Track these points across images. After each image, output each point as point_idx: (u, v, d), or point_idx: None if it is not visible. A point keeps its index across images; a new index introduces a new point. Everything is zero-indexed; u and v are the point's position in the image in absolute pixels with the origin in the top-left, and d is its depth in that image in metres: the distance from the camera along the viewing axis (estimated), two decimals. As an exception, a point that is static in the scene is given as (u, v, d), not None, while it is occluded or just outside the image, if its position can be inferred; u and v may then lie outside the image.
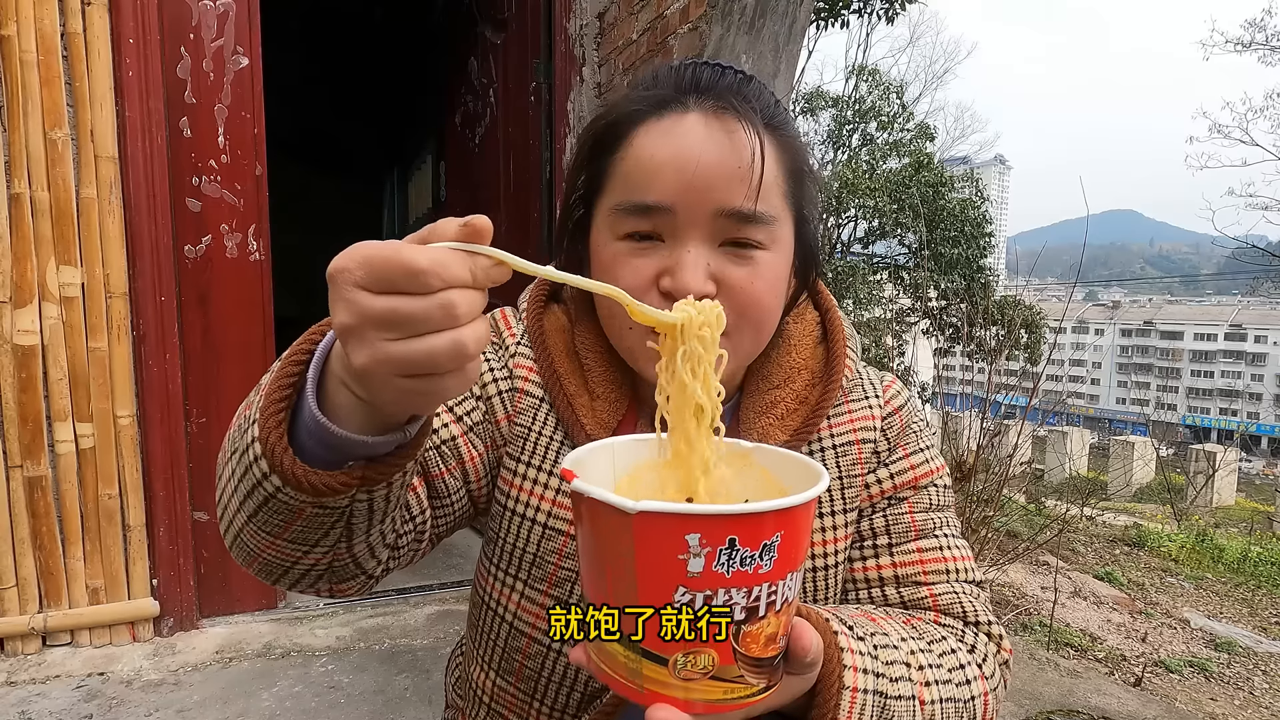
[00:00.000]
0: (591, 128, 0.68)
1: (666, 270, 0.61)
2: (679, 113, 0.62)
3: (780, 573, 0.43)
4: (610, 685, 0.46)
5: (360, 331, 0.38)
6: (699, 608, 0.42)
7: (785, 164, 0.64)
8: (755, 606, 0.43)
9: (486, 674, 0.73)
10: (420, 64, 4.85)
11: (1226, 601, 3.78)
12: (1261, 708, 2.56)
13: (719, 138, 0.61)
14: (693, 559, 0.41)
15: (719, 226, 0.61)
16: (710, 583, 0.41)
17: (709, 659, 0.43)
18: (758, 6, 2.01)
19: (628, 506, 0.40)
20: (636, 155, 0.63)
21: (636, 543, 0.41)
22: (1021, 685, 2.29)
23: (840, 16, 7.45)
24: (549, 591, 0.68)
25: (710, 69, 0.65)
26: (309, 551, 0.53)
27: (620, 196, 0.63)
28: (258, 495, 0.48)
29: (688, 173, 0.60)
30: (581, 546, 0.48)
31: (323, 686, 2.00)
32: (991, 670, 0.66)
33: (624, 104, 0.66)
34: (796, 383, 0.71)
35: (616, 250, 0.63)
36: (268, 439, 0.45)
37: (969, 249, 10.34)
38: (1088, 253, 4.82)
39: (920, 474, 0.73)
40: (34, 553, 2.05)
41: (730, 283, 0.62)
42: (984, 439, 3.34)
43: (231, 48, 2.17)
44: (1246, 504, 10.02)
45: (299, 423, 0.47)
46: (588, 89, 2.61)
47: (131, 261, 2.07)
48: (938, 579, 0.70)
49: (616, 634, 0.44)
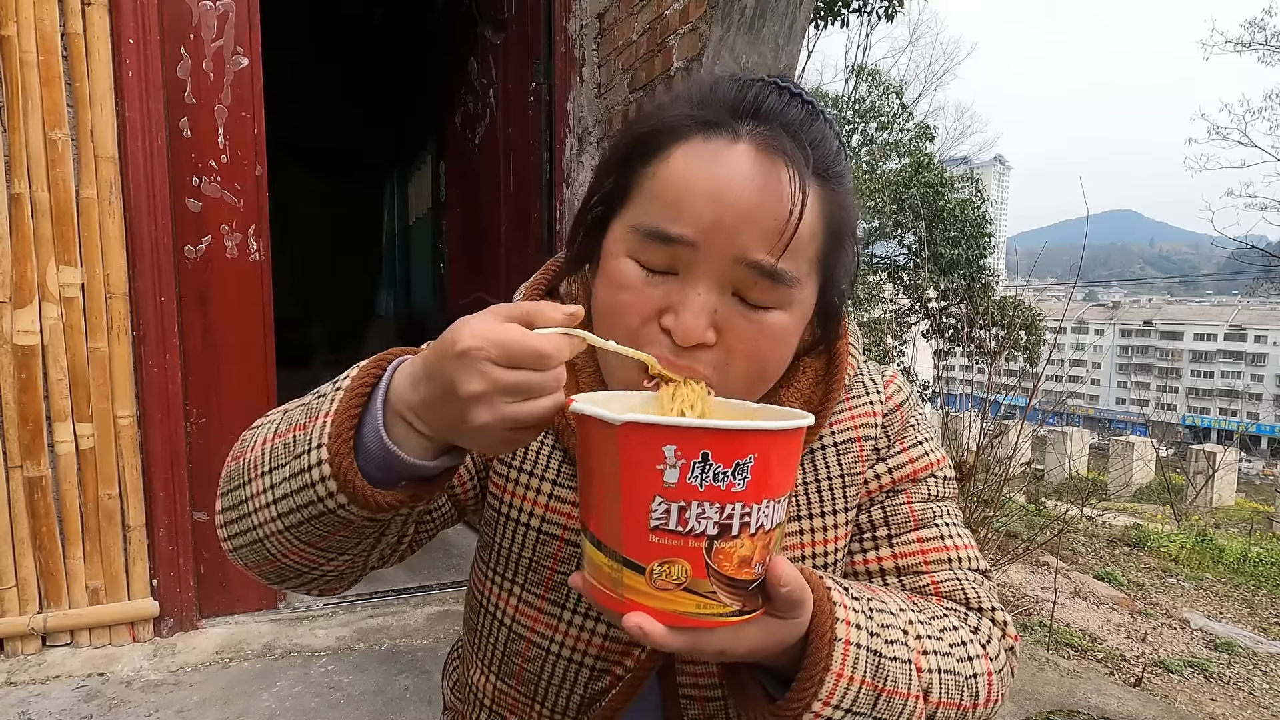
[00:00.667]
0: (631, 130, 0.63)
1: (671, 307, 0.58)
2: (728, 139, 0.56)
3: (754, 496, 0.45)
4: (596, 598, 0.49)
5: (489, 397, 0.46)
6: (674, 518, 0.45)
7: (827, 221, 0.59)
8: (728, 524, 0.45)
9: (486, 677, 0.73)
10: (420, 64, 4.86)
11: (1226, 601, 3.78)
12: (1261, 708, 2.56)
13: (763, 181, 0.55)
14: (669, 470, 0.44)
15: (736, 274, 0.57)
16: (684, 494, 0.44)
17: (683, 570, 0.46)
18: (758, 6, 2.01)
19: (613, 419, 0.44)
20: (671, 174, 0.57)
21: (620, 452, 0.45)
22: (1021, 685, 2.29)
23: (840, 16, 7.45)
24: (546, 595, 0.68)
25: (778, 94, 0.59)
26: (335, 559, 0.59)
27: (643, 216, 0.58)
28: (312, 509, 0.53)
29: (721, 211, 0.55)
30: (579, 468, 0.52)
31: (323, 687, 2.00)
32: (996, 652, 0.65)
33: (671, 113, 0.60)
34: (799, 382, 0.71)
35: (626, 270, 0.59)
36: (339, 464, 0.51)
37: (969, 249, 10.35)
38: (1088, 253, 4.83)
39: (919, 467, 0.73)
40: (34, 553, 2.05)
41: (731, 336, 0.58)
42: (984, 439, 3.34)
43: (231, 48, 2.17)
44: (1246, 504, 10.03)
45: (360, 447, 0.53)
46: (588, 89, 2.61)
47: (131, 262, 2.07)
48: (939, 567, 0.69)
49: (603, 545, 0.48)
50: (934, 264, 10.20)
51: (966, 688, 0.60)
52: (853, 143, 13.57)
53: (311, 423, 0.54)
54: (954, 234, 10.32)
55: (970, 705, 0.60)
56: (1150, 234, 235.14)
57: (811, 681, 0.53)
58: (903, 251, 11.58)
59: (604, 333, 0.64)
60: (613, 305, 0.60)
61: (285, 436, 0.55)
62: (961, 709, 0.60)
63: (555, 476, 0.69)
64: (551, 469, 0.69)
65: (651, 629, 0.46)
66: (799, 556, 0.69)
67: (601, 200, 0.64)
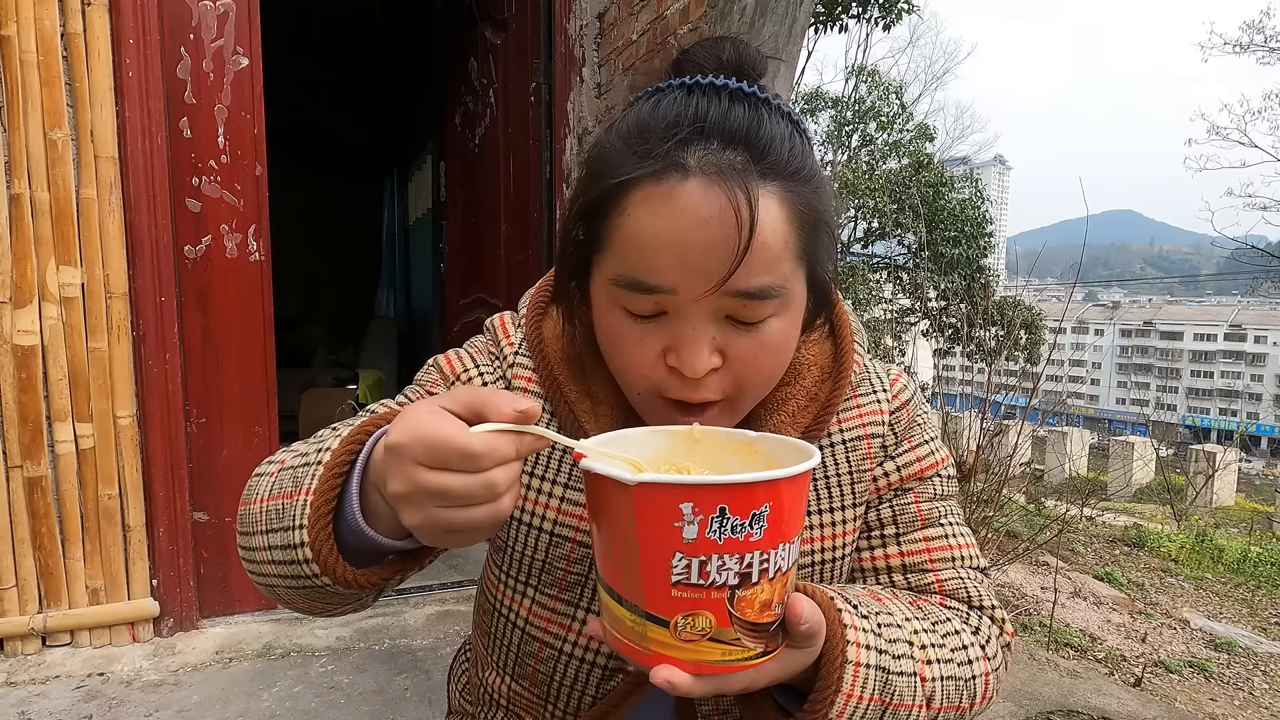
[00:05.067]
0: (586, 183, 0.61)
1: (671, 347, 0.59)
2: (678, 179, 0.55)
3: (772, 542, 0.46)
4: (620, 650, 0.50)
5: (414, 498, 0.45)
6: (695, 573, 0.45)
7: (798, 219, 0.58)
8: (748, 573, 0.46)
9: (501, 678, 0.74)
10: (420, 64, 4.86)
11: (1226, 602, 3.78)
12: (1261, 708, 2.56)
13: (720, 214, 0.54)
14: (687, 526, 0.44)
15: (723, 304, 0.57)
16: (704, 548, 0.45)
17: (707, 621, 0.46)
18: (758, 6, 2.01)
19: (628, 479, 0.44)
20: (633, 229, 0.57)
21: (637, 512, 0.45)
22: (1021, 685, 2.29)
23: (839, 21, 7.47)
24: (559, 596, 0.69)
25: (717, 100, 0.57)
26: (339, 608, 0.61)
27: (618, 269, 0.58)
28: (305, 581, 0.54)
29: (687, 254, 0.55)
30: (591, 523, 0.51)
31: (323, 687, 2.00)
32: (994, 651, 0.68)
33: (616, 160, 0.58)
34: (806, 379, 0.71)
35: (618, 321, 0.60)
36: (319, 549, 0.52)
37: (969, 249, 10.35)
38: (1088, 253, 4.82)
39: (926, 465, 0.74)
40: (34, 553, 2.05)
41: (736, 355, 0.60)
42: (984, 439, 3.34)
43: (231, 48, 2.17)
44: (1246, 504, 10.02)
45: (341, 521, 0.53)
46: (588, 89, 2.61)
47: (131, 261, 2.07)
48: (944, 566, 0.72)
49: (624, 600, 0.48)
50: (934, 264, 10.20)
51: (966, 689, 0.63)
52: (852, 143, 13.56)
53: (296, 496, 0.54)
54: (954, 234, 10.32)
55: (968, 705, 0.64)
56: (1150, 234, 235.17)
57: (823, 703, 0.56)
58: (903, 251, 11.59)
59: (618, 377, 0.66)
60: (616, 357, 0.63)
61: (277, 502, 0.56)
62: (960, 709, 0.63)
63: (567, 480, 0.69)
64: (564, 473, 0.69)
65: (679, 680, 0.46)
66: (809, 551, 0.70)
67: (578, 249, 0.64)
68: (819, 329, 0.74)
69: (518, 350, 0.73)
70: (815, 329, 0.73)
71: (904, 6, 8.35)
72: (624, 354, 0.61)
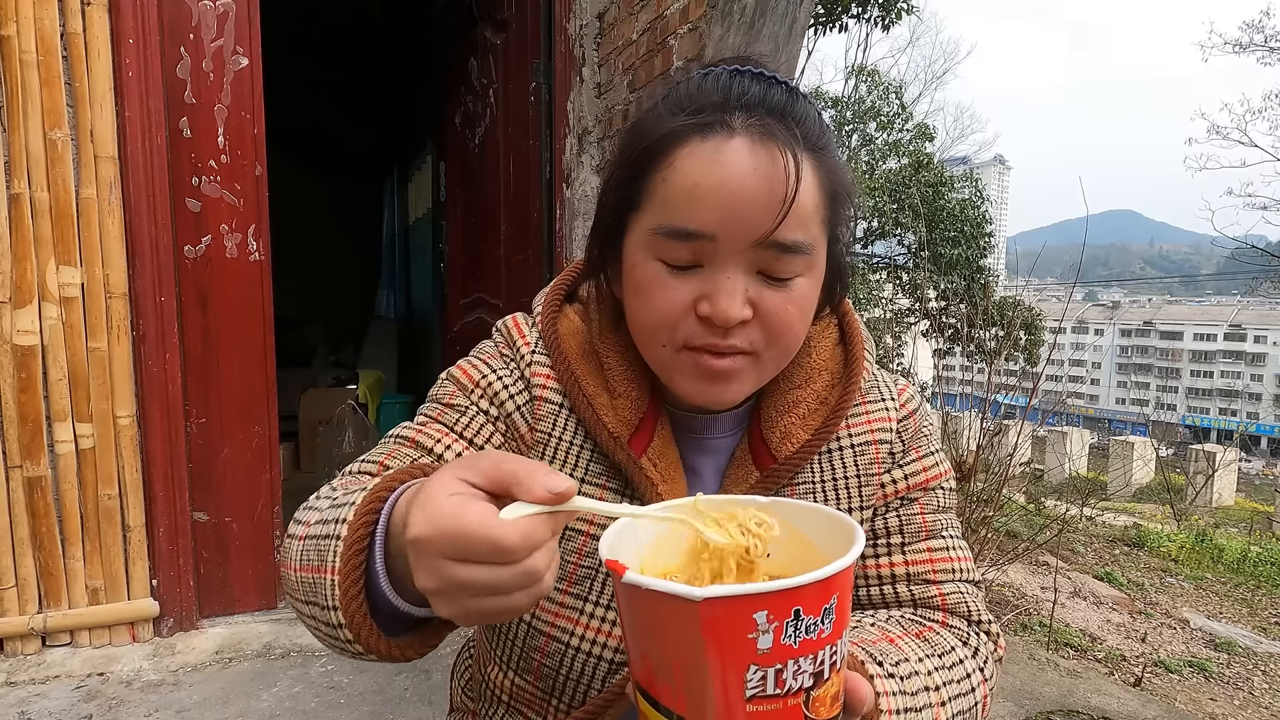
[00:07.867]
0: (631, 143, 0.65)
1: (705, 296, 0.61)
2: (724, 136, 0.60)
3: (838, 632, 0.44)
4: None
5: (446, 593, 0.42)
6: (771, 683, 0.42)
7: (825, 188, 0.63)
8: (821, 670, 0.43)
9: (504, 673, 0.74)
10: (420, 64, 4.86)
11: (1226, 601, 3.78)
12: (1261, 708, 2.56)
13: (764, 168, 0.59)
14: (762, 636, 0.41)
15: (757, 255, 0.61)
16: (780, 656, 0.41)
17: None
18: (758, 6, 2.01)
19: (693, 595, 0.39)
20: (680, 179, 0.60)
21: (704, 629, 0.40)
22: (1021, 685, 2.29)
23: (839, 21, 7.47)
24: (568, 590, 0.69)
25: (758, 82, 0.63)
26: None
27: (660, 219, 0.61)
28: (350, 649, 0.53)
29: (731, 202, 0.59)
30: (634, 634, 0.46)
31: (322, 687, 2.00)
32: (990, 671, 0.71)
33: (666, 119, 0.63)
34: (817, 383, 0.73)
35: (653, 272, 0.63)
36: (358, 631, 0.50)
37: (969, 249, 10.35)
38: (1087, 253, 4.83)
39: (931, 476, 0.76)
40: (34, 553, 2.05)
41: (766, 309, 0.62)
42: (984, 439, 3.34)
43: (231, 48, 2.17)
44: (1246, 504, 10.02)
45: (374, 590, 0.51)
46: (588, 89, 2.61)
47: (131, 261, 2.07)
48: (945, 578, 0.74)
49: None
50: (934, 264, 10.20)
51: (970, 715, 0.66)
52: (852, 143, 13.56)
53: (323, 574, 0.52)
54: (954, 234, 10.31)
55: None
56: (1150, 234, 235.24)
57: None
58: (903, 251, 11.57)
59: (644, 335, 0.65)
60: (645, 311, 0.63)
61: (308, 575, 0.54)
62: None
63: (584, 474, 0.70)
64: (580, 466, 0.70)
65: None
66: None
67: (615, 209, 0.67)
68: (829, 328, 0.76)
69: (535, 349, 0.74)
70: (825, 326, 0.76)
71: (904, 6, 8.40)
72: (654, 304, 0.62)
